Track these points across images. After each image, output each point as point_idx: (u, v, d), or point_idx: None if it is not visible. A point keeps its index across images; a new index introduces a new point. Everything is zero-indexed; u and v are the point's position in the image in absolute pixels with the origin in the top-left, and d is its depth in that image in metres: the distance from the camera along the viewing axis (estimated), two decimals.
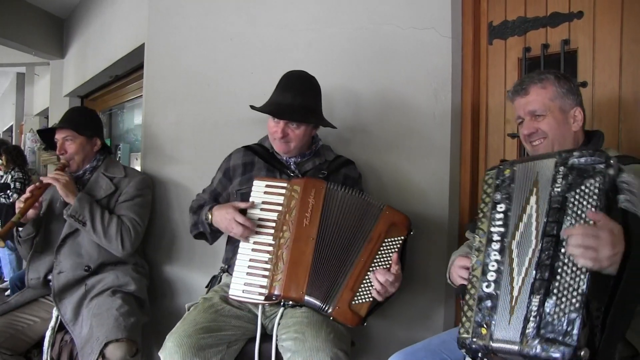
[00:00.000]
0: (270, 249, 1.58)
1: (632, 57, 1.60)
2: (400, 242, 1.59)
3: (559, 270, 1.05)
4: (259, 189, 1.64)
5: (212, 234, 1.78)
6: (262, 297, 1.55)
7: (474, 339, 1.12)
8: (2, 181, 4.75)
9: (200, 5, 2.35)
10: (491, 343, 1.09)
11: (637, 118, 1.59)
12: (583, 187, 1.08)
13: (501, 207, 1.21)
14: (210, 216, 1.70)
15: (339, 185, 1.65)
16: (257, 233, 1.61)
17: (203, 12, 2.34)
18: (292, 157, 1.79)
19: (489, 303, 1.13)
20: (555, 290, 1.04)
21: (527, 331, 1.05)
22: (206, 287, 1.84)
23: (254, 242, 1.60)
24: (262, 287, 1.56)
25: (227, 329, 1.55)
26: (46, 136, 2.20)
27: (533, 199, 1.17)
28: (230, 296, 1.59)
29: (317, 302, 1.52)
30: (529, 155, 1.40)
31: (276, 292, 1.53)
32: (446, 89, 1.89)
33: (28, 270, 2.02)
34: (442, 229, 1.90)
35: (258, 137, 1.90)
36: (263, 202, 1.63)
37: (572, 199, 1.09)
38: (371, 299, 1.54)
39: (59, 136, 2.07)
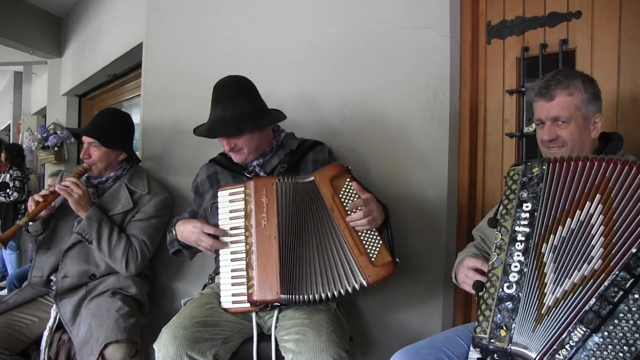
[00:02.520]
0: (244, 255, 1.56)
1: (631, 56, 1.60)
2: (350, 182, 1.57)
3: (621, 314, 0.97)
4: (224, 199, 1.63)
5: (187, 249, 1.77)
6: (249, 305, 1.55)
7: (492, 340, 1.08)
8: (0, 180, 4.76)
9: (198, 4, 2.35)
10: (510, 346, 1.06)
11: (635, 117, 1.59)
12: None
13: (527, 207, 1.15)
14: (174, 232, 1.70)
15: (290, 176, 1.61)
16: (232, 242, 1.60)
17: (201, 11, 2.33)
18: (254, 161, 1.75)
19: (509, 305, 1.09)
20: (606, 333, 0.97)
21: (557, 355, 1.00)
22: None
23: (231, 252, 1.59)
24: (246, 294, 1.55)
25: (222, 325, 1.55)
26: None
27: (592, 206, 1.08)
28: (222, 308, 1.58)
29: (296, 297, 1.50)
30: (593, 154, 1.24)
31: (254, 299, 1.52)
32: (445, 88, 1.89)
33: (33, 266, 2.01)
34: (440, 228, 1.91)
35: None
36: (231, 211, 1.61)
37: None
38: (381, 242, 1.51)
39: (85, 140, 2.03)
